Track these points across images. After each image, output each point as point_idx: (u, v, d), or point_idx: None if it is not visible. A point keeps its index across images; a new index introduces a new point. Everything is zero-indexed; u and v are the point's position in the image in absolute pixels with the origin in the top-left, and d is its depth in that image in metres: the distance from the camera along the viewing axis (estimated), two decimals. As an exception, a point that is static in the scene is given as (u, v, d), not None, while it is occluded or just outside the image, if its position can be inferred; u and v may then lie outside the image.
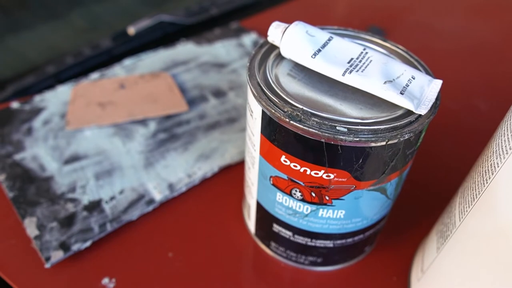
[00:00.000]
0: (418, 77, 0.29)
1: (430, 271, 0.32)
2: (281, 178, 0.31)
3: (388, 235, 0.42)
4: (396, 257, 0.40)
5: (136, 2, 0.81)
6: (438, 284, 0.31)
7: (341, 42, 0.31)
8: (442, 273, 0.31)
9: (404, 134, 0.27)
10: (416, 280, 0.35)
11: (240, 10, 0.75)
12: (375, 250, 0.41)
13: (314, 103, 0.28)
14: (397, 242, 0.41)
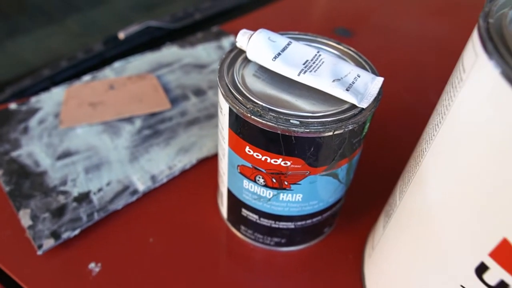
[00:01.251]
0: (363, 75, 0.34)
1: (378, 247, 0.37)
2: (246, 166, 0.35)
3: (346, 217, 0.46)
4: (353, 238, 0.44)
5: (127, 8, 0.85)
6: (384, 258, 0.36)
7: (298, 46, 0.36)
8: (386, 248, 0.35)
9: (348, 125, 0.31)
10: (368, 256, 0.39)
11: (222, 15, 0.80)
12: (334, 231, 0.45)
13: (274, 100, 0.33)
14: (354, 224, 0.45)
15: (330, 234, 0.45)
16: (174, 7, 0.83)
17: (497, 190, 0.22)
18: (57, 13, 0.80)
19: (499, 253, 0.23)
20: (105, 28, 0.75)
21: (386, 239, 0.35)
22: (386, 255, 0.35)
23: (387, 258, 0.35)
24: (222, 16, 0.80)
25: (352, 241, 0.44)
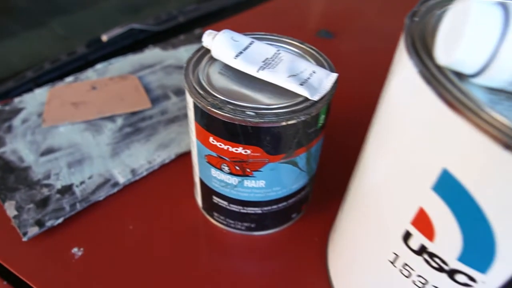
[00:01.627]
0: (318, 72, 0.37)
1: (337, 229, 0.41)
2: (212, 156, 0.39)
3: (316, 204, 0.50)
4: (321, 223, 0.48)
5: (112, 11, 0.88)
6: (340, 238, 0.39)
7: (260, 45, 0.39)
8: (342, 229, 0.39)
9: (300, 116, 0.34)
10: (331, 239, 0.43)
11: (206, 18, 0.83)
12: (303, 217, 0.49)
13: (234, 95, 0.36)
14: (323, 210, 0.49)
15: (299, 220, 0.48)
16: (159, 10, 0.85)
17: (411, 169, 0.26)
18: (42, 16, 0.84)
19: (418, 221, 0.27)
20: (90, 31, 0.78)
21: (341, 220, 0.39)
22: (341, 235, 0.39)
23: (342, 237, 0.38)
24: (206, 19, 0.83)
25: (320, 226, 0.48)
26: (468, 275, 0.26)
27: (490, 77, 0.22)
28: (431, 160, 0.24)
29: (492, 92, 0.23)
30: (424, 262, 0.28)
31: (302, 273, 0.44)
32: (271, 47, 0.39)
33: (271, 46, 0.39)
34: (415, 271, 0.29)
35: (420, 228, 0.27)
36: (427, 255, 0.28)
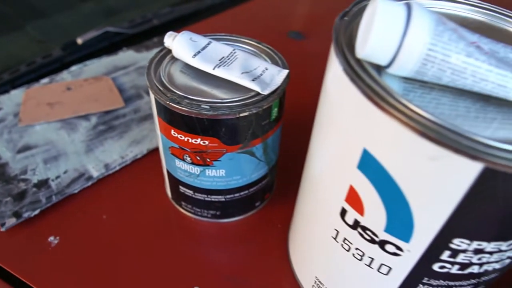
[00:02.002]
0: (271, 69, 0.41)
1: (294, 213, 0.44)
2: (175, 147, 0.42)
3: (281, 192, 0.53)
4: (284, 210, 0.51)
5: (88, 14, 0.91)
6: (296, 221, 0.42)
7: (217, 45, 0.43)
8: (297, 212, 0.42)
9: (252, 109, 0.38)
10: (291, 224, 0.46)
11: (180, 20, 0.86)
12: (267, 205, 0.52)
13: (193, 91, 0.39)
14: (286, 198, 0.52)
15: (263, 208, 0.52)
16: (136, 13, 0.88)
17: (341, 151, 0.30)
18: (18, 19, 0.86)
19: (350, 198, 0.30)
20: (66, 34, 0.80)
21: (297, 205, 0.42)
22: (296, 218, 0.42)
23: (297, 220, 0.42)
24: (180, 21, 0.86)
25: (283, 213, 0.51)
26: (395, 244, 0.30)
27: (399, 67, 0.25)
28: (354, 142, 0.28)
29: (406, 81, 0.27)
30: (359, 236, 0.31)
31: (266, 257, 0.47)
32: (227, 46, 0.42)
33: (227, 46, 0.42)
34: (353, 244, 0.32)
35: (352, 204, 0.30)
36: (360, 228, 0.31)
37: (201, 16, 0.87)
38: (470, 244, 0.27)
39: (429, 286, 0.32)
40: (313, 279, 0.40)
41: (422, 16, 0.24)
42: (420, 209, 0.27)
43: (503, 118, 0.26)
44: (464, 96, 0.27)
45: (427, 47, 0.24)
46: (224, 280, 0.45)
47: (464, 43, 0.24)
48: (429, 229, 0.27)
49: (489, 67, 0.24)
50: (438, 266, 0.30)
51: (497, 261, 0.29)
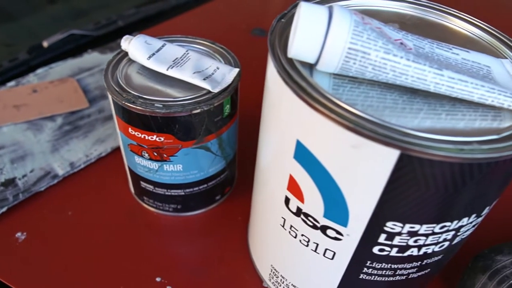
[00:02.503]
0: (222, 68, 0.43)
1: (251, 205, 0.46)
2: (133, 144, 0.44)
3: (240, 186, 0.56)
4: (244, 204, 0.53)
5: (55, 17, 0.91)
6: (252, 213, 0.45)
7: (172, 47, 0.45)
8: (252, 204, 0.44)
9: (203, 106, 0.40)
10: (250, 216, 0.49)
11: (145, 21, 0.87)
12: (228, 199, 0.54)
13: (148, 90, 0.41)
14: (247, 192, 0.52)
15: (224, 201, 0.54)
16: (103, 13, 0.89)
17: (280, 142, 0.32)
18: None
19: (291, 186, 0.33)
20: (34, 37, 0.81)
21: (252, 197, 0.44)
22: (252, 210, 0.44)
23: (253, 212, 0.44)
24: (145, 22, 0.87)
25: (243, 206, 0.53)
26: (335, 229, 0.32)
27: (325, 65, 0.28)
28: (289, 134, 0.30)
29: (336, 77, 0.29)
30: (303, 222, 0.34)
31: (227, 249, 0.49)
32: (181, 48, 0.44)
33: (181, 47, 0.44)
34: (298, 231, 0.35)
35: (294, 192, 0.32)
36: (303, 215, 0.33)
37: (166, 17, 0.88)
38: (403, 227, 0.30)
39: (373, 269, 0.34)
40: (270, 268, 0.42)
41: (342, 17, 0.26)
42: (352, 194, 0.29)
43: (429, 108, 0.28)
44: (393, 89, 0.29)
45: (347, 46, 0.26)
46: (186, 272, 0.46)
47: (383, 41, 0.26)
48: (362, 213, 0.29)
49: (407, 62, 0.27)
50: (378, 249, 0.32)
51: (434, 243, 0.31)
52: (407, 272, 0.34)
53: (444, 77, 0.27)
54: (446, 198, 0.27)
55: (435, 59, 0.29)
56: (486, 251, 0.41)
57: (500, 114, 0.28)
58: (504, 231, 0.52)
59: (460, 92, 0.27)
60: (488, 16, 0.48)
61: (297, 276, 0.38)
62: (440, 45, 0.31)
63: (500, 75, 0.30)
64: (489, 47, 0.34)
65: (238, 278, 0.46)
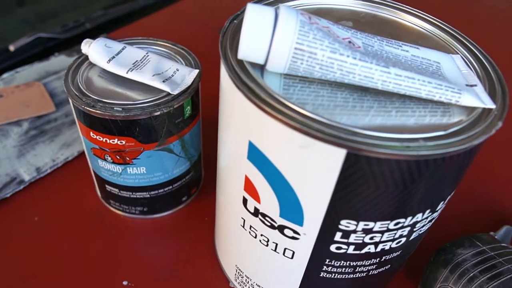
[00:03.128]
0: (182, 69, 0.43)
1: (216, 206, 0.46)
2: (96, 148, 0.44)
3: (207, 187, 0.56)
4: (211, 205, 0.53)
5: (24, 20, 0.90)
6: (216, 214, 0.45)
7: (132, 50, 0.45)
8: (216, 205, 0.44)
9: (162, 108, 0.40)
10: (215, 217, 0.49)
11: (113, 23, 0.87)
12: (195, 200, 0.55)
13: (109, 94, 0.41)
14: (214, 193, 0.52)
15: (191, 202, 0.54)
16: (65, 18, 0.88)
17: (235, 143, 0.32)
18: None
19: (247, 187, 0.33)
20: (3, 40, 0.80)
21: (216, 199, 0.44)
22: (216, 211, 0.44)
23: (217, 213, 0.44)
24: (113, 24, 0.87)
25: (210, 207, 0.53)
26: (292, 229, 0.32)
27: (273, 65, 0.28)
28: (242, 135, 0.30)
29: (287, 77, 0.29)
30: (261, 222, 0.34)
31: (194, 250, 0.50)
32: (141, 50, 0.44)
33: (141, 50, 0.44)
34: (258, 231, 0.35)
35: (250, 193, 0.33)
36: (260, 215, 0.33)
37: (135, 18, 0.88)
38: (358, 225, 0.30)
39: (333, 267, 0.34)
40: (235, 268, 0.42)
41: (288, 17, 0.26)
42: (304, 194, 0.29)
43: (379, 106, 0.28)
44: (343, 88, 0.29)
45: (294, 46, 0.26)
46: (153, 275, 0.47)
47: (330, 40, 0.27)
48: (316, 212, 0.30)
49: (354, 60, 0.27)
50: (335, 247, 0.32)
51: (391, 240, 0.32)
52: (367, 269, 0.35)
53: (391, 74, 0.27)
54: (398, 195, 0.27)
55: (384, 56, 0.29)
56: (448, 245, 0.41)
57: (449, 109, 0.28)
58: (466, 225, 0.53)
59: (407, 89, 0.28)
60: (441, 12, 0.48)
61: (260, 275, 0.39)
62: (390, 42, 0.31)
63: (450, 71, 0.31)
64: (441, 42, 0.35)
65: (205, 279, 0.47)
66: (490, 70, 0.32)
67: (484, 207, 0.56)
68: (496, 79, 0.31)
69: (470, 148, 0.26)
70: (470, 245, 0.40)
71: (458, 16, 0.87)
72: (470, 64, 0.32)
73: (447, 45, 0.34)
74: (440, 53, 0.32)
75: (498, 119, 0.28)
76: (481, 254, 0.39)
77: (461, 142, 0.25)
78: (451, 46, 0.34)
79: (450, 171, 0.27)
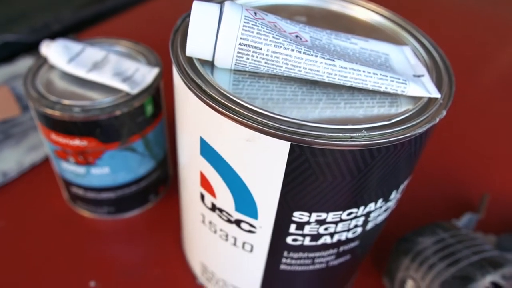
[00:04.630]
0: (142, 69, 0.43)
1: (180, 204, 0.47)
2: (59, 150, 0.44)
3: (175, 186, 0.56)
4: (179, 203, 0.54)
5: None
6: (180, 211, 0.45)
7: (92, 50, 0.45)
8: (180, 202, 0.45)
9: (122, 108, 0.40)
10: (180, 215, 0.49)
11: (82, 24, 0.87)
12: (163, 199, 0.55)
13: (69, 95, 0.41)
14: None
15: (159, 201, 0.55)
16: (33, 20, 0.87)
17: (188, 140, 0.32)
18: None
19: (203, 183, 0.33)
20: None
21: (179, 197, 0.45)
22: (181, 209, 0.45)
23: (181, 211, 0.45)
24: (82, 25, 0.87)
25: (178, 205, 0.54)
26: (248, 222, 0.32)
27: (220, 61, 0.28)
28: (194, 131, 0.31)
29: (236, 73, 0.30)
30: (218, 217, 0.34)
31: (162, 249, 0.50)
32: (101, 51, 0.44)
33: (101, 51, 0.44)
34: (217, 226, 0.35)
35: (206, 188, 0.33)
36: (218, 210, 0.34)
37: (103, 19, 0.88)
38: (311, 216, 0.30)
39: (292, 259, 0.35)
40: (200, 265, 0.43)
41: (232, 13, 0.27)
42: (255, 187, 0.29)
43: (327, 98, 0.29)
44: (292, 82, 0.30)
45: (238, 41, 0.27)
46: (121, 275, 0.47)
47: (274, 35, 0.27)
48: (269, 205, 0.30)
49: (299, 54, 0.27)
50: (291, 239, 0.33)
51: (346, 230, 0.32)
52: (326, 260, 0.35)
53: (336, 67, 0.28)
54: (346, 185, 0.28)
55: (331, 50, 0.29)
56: (409, 234, 0.42)
57: (397, 100, 0.29)
58: (429, 213, 0.54)
59: (353, 81, 0.28)
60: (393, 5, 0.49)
61: (224, 270, 0.39)
62: (339, 35, 0.32)
63: (398, 63, 0.31)
64: (392, 35, 0.35)
65: (172, 277, 0.47)
66: (438, 60, 0.32)
67: (447, 195, 0.57)
68: (444, 69, 0.32)
69: (414, 137, 0.26)
70: (431, 233, 0.41)
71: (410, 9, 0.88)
72: (420, 55, 0.33)
73: (398, 37, 0.35)
74: (390, 45, 0.33)
75: (443, 108, 0.28)
76: (441, 241, 0.40)
77: (404, 132, 0.26)
78: (401, 38, 0.35)
79: (398, 160, 0.28)
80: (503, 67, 0.83)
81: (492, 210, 0.54)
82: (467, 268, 0.37)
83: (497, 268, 0.37)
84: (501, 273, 0.37)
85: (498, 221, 0.53)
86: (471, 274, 0.36)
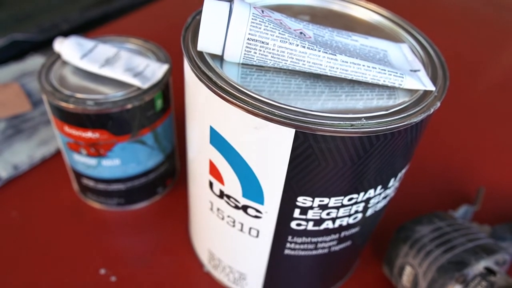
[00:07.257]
0: (152, 65, 0.45)
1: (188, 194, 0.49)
2: (71, 142, 0.46)
3: (183, 179, 0.58)
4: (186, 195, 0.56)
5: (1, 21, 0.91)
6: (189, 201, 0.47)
7: (104, 47, 0.47)
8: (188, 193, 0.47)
9: (134, 102, 0.42)
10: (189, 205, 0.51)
11: (89, 24, 0.88)
12: (171, 191, 0.57)
13: (82, 89, 0.43)
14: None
15: (167, 193, 0.57)
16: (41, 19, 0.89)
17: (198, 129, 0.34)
18: None
19: (212, 171, 0.35)
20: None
21: (188, 187, 0.47)
22: (189, 199, 0.47)
23: (189, 201, 0.46)
24: (89, 25, 0.88)
25: (185, 197, 0.55)
26: (254, 208, 0.34)
27: (230, 55, 0.30)
28: (204, 121, 0.32)
29: (244, 67, 0.32)
30: (226, 204, 0.36)
31: (171, 238, 0.52)
32: (113, 48, 0.46)
33: (113, 47, 0.46)
34: (224, 212, 0.37)
35: (215, 176, 0.35)
36: (225, 197, 0.36)
37: (111, 19, 0.90)
38: (314, 201, 0.32)
39: (295, 244, 0.37)
40: (207, 252, 0.44)
41: (241, 11, 0.29)
42: (262, 173, 0.31)
43: (330, 91, 0.31)
44: (297, 75, 0.32)
45: (247, 37, 0.29)
46: (130, 263, 0.48)
47: (280, 31, 0.29)
48: (274, 190, 0.32)
49: (303, 49, 0.30)
50: (295, 224, 0.35)
51: (347, 215, 0.34)
52: (328, 245, 0.37)
53: (337, 61, 0.30)
54: (347, 171, 0.30)
55: (333, 45, 0.32)
56: (408, 223, 0.44)
57: (395, 93, 0.31)
58: (428, 204, 0.56)
59: (354, 74, 0.30)
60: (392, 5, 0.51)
61: (231, 256, 0.41)
62: (341, 33, 0.34)
63: (396, 58, 0.33)
64: (390, 33, 0.38)
65: (180, 265, 0.49)
66: (434, 56, 0.35)
67: (445, 188, 0.59)
68: (439, 65, 0.34)
69: (411, 126, 0.29)
70: (429, 222, 0.43)
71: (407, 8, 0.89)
72: (416, 52, 0.35)
73: (396, 35, 0.37)
74: (389, 42, 0.35)
75: (437, 100, 0.30)
76: (438, 230, 0.42)
77: (401, 120, 0.28)
78: (399, 36, 0.37)
79: (395, 149, 0.30)
80: (498, 65, 0.86)
81: (487, 203, 0.56)
82: (462, 254, 0.39)
83: (490, 254, 0.39)
84: (494, 259, 0.39)
85: (493, 213, 0.55)
86: (466, 259, 0.39)
